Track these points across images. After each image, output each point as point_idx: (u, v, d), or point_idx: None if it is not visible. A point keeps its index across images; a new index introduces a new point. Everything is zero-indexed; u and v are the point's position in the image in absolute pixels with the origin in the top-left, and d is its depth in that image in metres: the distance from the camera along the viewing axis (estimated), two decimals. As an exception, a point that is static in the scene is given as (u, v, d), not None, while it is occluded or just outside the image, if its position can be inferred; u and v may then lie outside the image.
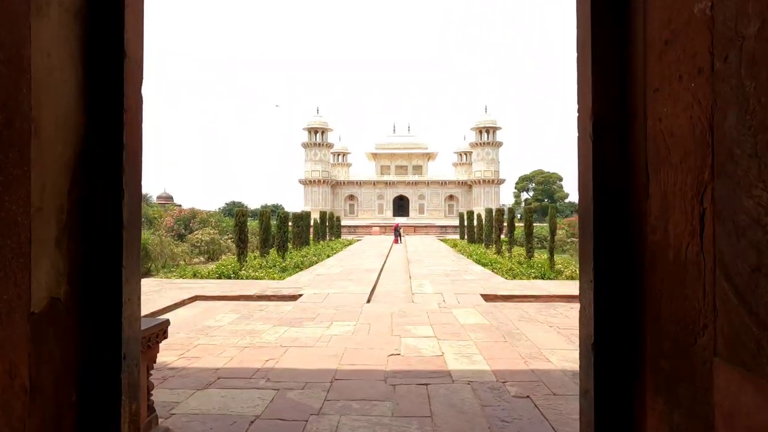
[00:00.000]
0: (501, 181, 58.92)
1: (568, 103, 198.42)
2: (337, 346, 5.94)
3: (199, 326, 7.13)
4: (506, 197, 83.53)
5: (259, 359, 5.40)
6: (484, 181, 57.72)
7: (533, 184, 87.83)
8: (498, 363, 5.20)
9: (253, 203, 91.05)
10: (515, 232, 22.60)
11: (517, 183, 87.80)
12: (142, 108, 1.92)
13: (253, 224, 23.97)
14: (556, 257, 18.68)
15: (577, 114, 1.94)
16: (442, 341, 6.13)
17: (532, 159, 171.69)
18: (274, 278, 13.06)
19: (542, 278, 13.08)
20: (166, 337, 3.27)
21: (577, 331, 1.88)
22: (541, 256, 18.47)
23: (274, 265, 15.75)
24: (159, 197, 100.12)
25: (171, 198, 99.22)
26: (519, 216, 38.77)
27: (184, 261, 22.32)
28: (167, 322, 3.28)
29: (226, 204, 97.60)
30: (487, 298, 9.70)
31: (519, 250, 20.73)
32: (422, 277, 12.88)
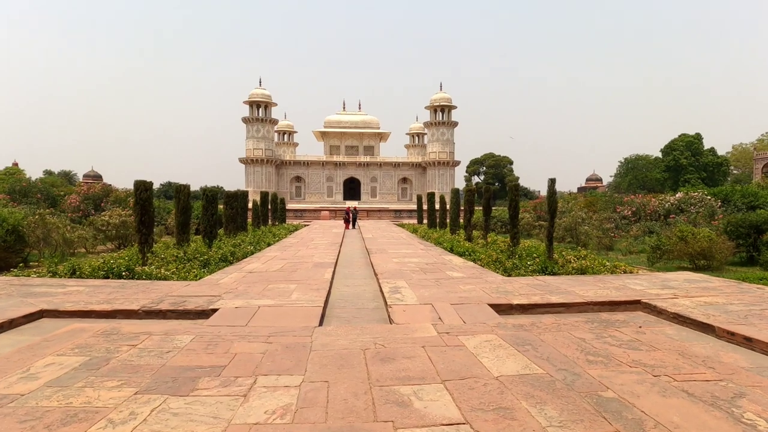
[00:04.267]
0: (456, 163, 56.49)
1: (520, 85, 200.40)
2: (257, 472, 2.53)
3: (-22, 399, 3.46)
4: (458, 181, 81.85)
5: None
6: (439, 162, 55.02)
7: (484, 168, 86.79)
8: None
9: (195, 184, 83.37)
10: (475, 216, 19.93)
11: (468, 166, 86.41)
12: None
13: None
14: (524, 242, 16.04)
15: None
16: (490, 440, 2.86)
17: (482, 142, 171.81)
18: (186, 278, 9.30)
19: (543, 272, 10.18)
20: None
21: (718, 389, 1.40)
22: (523, 243, 15.68)
23: (194, 258, 11.88)
24: (86, 176, 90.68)
25: (100, 177, 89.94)
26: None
27: (86, 248, 17.82)
28: None
29: (162, 185, 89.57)
30: (500, 309, 6.56)
31: (491, 236, 17.94)
32: (393, 275, 9.57)
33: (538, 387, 3.68)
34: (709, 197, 22.44)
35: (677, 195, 24.14)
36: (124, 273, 9.28)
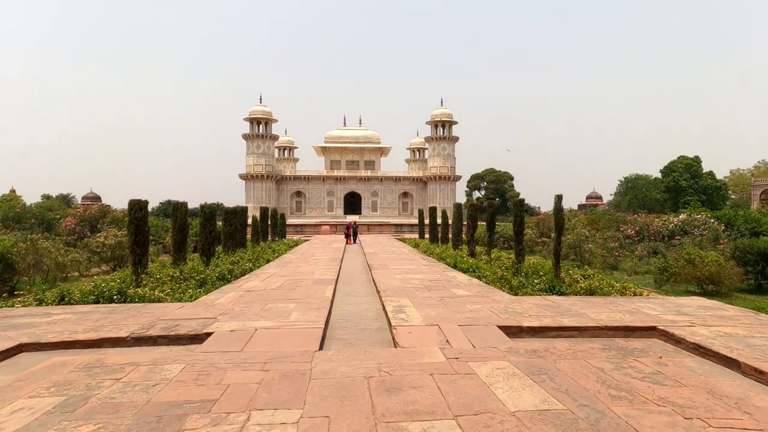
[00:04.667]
0: (457, 178, 56.33)
1: (521, 101, 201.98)
2: None
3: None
4: (459, 196, 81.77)
5: None
6: (440, 177, 54.89)
7: (485, 183, 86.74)
8: None
9: (196, 202, 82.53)
10: (477, 232, 19.65)
11: (469, 181, 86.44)
12: None
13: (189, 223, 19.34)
14: (528, 258, 15.68)
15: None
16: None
17: (483, 158, 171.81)
18: (180, 299, 8.95)
19: (551, 292, 9.83)
20: None
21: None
22: (527, 259, 15.35)
23: (191, 277, 11.52)
24: (84, 198, 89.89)
25: (98, 198, 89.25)
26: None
27: (79, 272, 17.37)
28: None
29: (161, 203, 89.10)
30: (510, 331, 6.22)
31: (494, 253, 17.61)
32: (397, 293, 9.23)
33: (560, 426, 3.34)
34: (712, 220, 22.13)
35: (681, 216, 23.83)
36: (115, 296, 8.91)
